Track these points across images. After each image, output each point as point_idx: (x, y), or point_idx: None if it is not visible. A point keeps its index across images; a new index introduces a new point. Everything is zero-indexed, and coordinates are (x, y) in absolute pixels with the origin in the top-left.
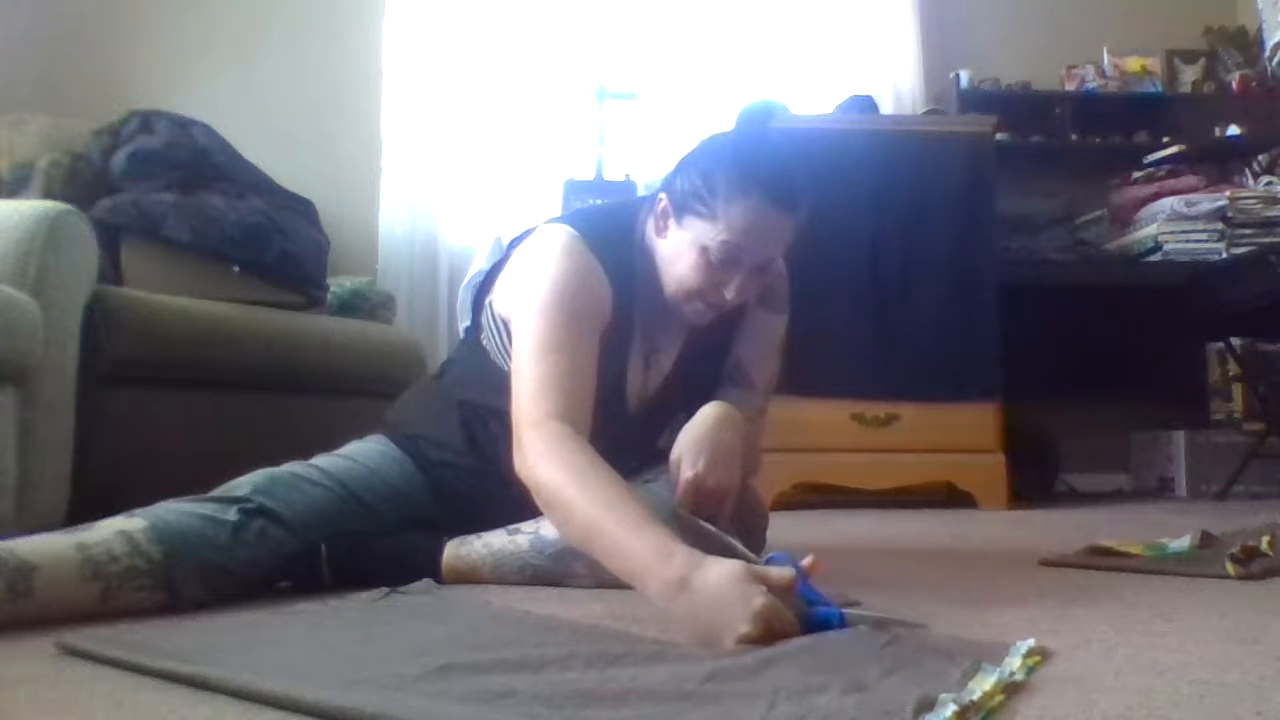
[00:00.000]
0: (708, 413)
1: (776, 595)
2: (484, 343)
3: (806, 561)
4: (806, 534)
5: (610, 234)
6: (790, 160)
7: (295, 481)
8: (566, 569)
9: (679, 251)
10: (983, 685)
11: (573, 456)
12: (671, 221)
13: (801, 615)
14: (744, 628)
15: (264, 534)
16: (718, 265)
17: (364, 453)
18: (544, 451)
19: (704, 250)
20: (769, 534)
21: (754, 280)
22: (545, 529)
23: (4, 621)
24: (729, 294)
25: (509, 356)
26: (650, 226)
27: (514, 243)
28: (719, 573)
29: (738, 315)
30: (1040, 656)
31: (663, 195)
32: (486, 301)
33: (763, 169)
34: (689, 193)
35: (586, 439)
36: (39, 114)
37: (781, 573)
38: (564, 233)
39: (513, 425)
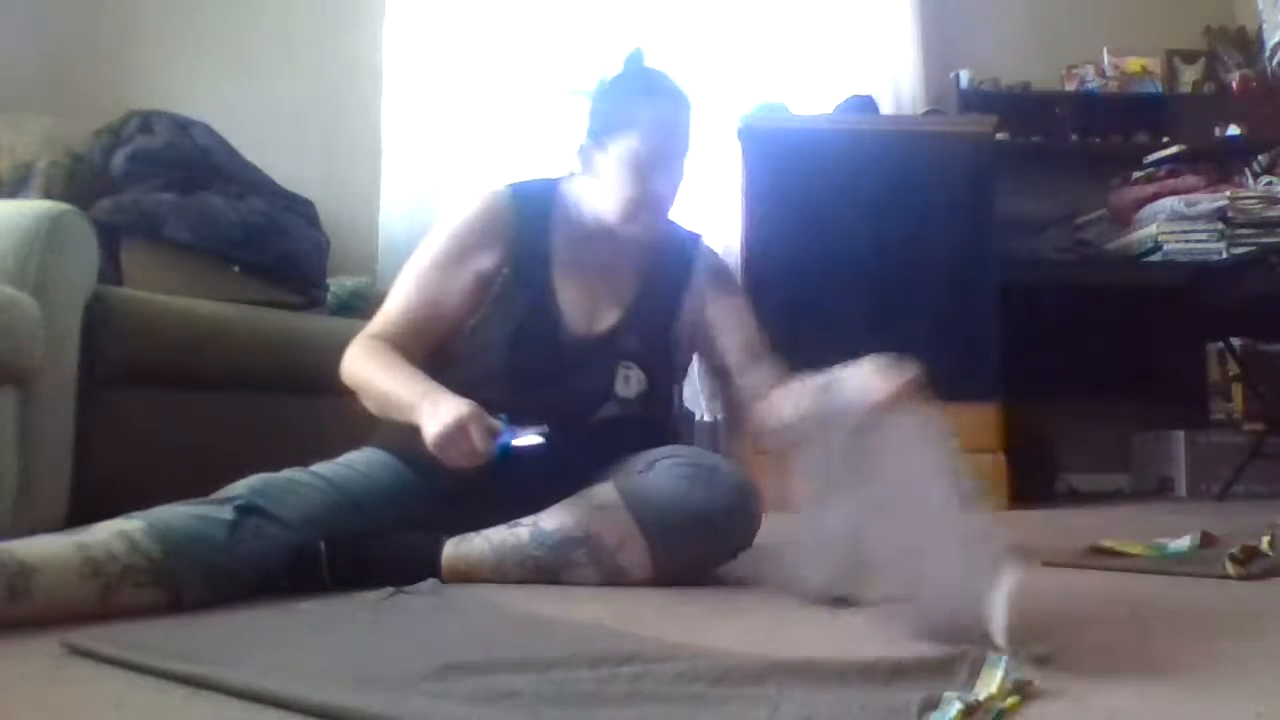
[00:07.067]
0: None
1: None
2: None
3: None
4: None
5: (530, 184)
6: (664, 71)
7: (290, 485)
8: (566, 559)
9: (611, 171)
10: (988, 686)
11: (372, 351)
12: (597, 153)
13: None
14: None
15: (260, 532)
16: (646, 166)
17: (356, 459)
18: (352, 353)
19: (631, 159)
20: (769, 532)
21: (676, 178)
22: (544, 521)
23: (4, 622)
24: (658, 188)
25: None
26: (578, 179)
27: None
28: (452, 398)
29: (683, 275)
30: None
31: (583, 143)
32: None
33: (651, 78)
34: (603, 120)
35: (401, 351)
36: (39, 114)
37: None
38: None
39: None
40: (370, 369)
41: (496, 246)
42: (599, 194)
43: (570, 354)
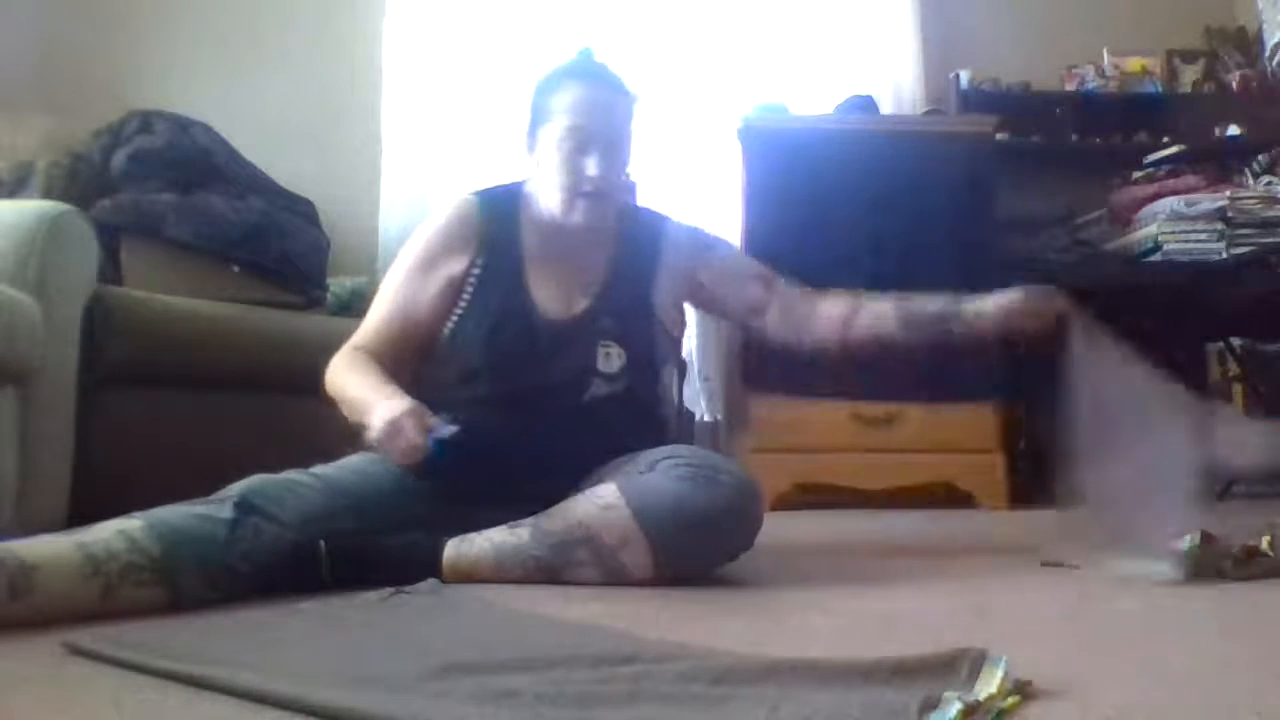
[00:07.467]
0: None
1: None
2: None
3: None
4: (806, 534)
5: (497, 188)
6: (599, 61)
7: (289, 485)
8: (567, 559)
9: (546, 160)
10: (988, 686)
11: (351, 363)
12: (536, 146)
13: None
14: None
15: (259, 530)
16: (575, 151)
17: (355, 462)
18: (332, 365)
19: (560, 145)
20: (769, 531)
21: (612, 160)
22: (545, 521)
23: (5, 621)
24: (591, 170)
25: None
26: (531, 178)
27: None
28: (399, 399)
29: (653, 256)
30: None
31: (526, 140)
32: None
33: (570, 65)
34: (532, 115)
35: (379, 360)
36: (39, 114)
37: (431, 419)
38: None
39: None
40: (345, 380)
41: (466, 250)
42: (542, 186)
43: (547, 340)
